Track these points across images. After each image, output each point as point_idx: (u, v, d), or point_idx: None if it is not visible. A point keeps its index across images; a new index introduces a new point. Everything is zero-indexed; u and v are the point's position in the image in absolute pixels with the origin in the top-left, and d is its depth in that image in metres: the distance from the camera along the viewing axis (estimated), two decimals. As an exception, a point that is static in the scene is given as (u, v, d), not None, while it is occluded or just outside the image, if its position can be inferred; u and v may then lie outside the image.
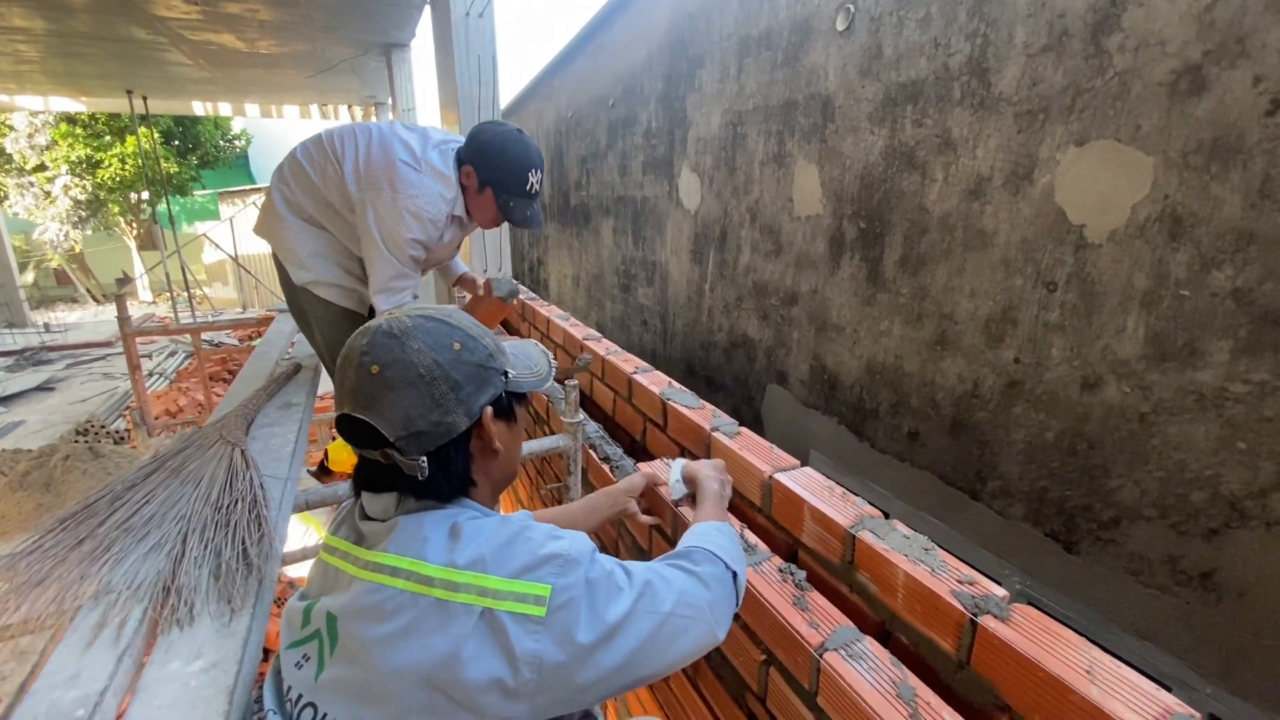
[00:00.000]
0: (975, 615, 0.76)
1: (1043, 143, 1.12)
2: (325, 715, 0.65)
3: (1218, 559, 0.95)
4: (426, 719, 0.61)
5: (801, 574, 1.00)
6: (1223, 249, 0.91)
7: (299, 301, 1.80)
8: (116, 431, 5.64)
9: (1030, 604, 0.81)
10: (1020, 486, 1.22)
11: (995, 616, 0.76)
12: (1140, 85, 0.98)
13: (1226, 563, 0.94)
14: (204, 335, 7.37)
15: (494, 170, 1.58)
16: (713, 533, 0.90)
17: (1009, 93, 1.17)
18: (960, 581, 0.83)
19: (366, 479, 0.78)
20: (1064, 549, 1.16)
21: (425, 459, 0.72)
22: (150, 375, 7.96)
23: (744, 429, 1.35)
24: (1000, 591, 0.80)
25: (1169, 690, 0.66)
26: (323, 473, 2.34)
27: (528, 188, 1.61)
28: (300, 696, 0.67)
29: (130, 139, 12.94)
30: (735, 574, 0.83)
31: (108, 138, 13.14)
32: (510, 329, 3.60)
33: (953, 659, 0.81)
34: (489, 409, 0.76)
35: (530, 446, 1.56)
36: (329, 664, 0.66)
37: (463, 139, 1.74)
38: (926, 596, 0.83)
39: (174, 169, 13.57)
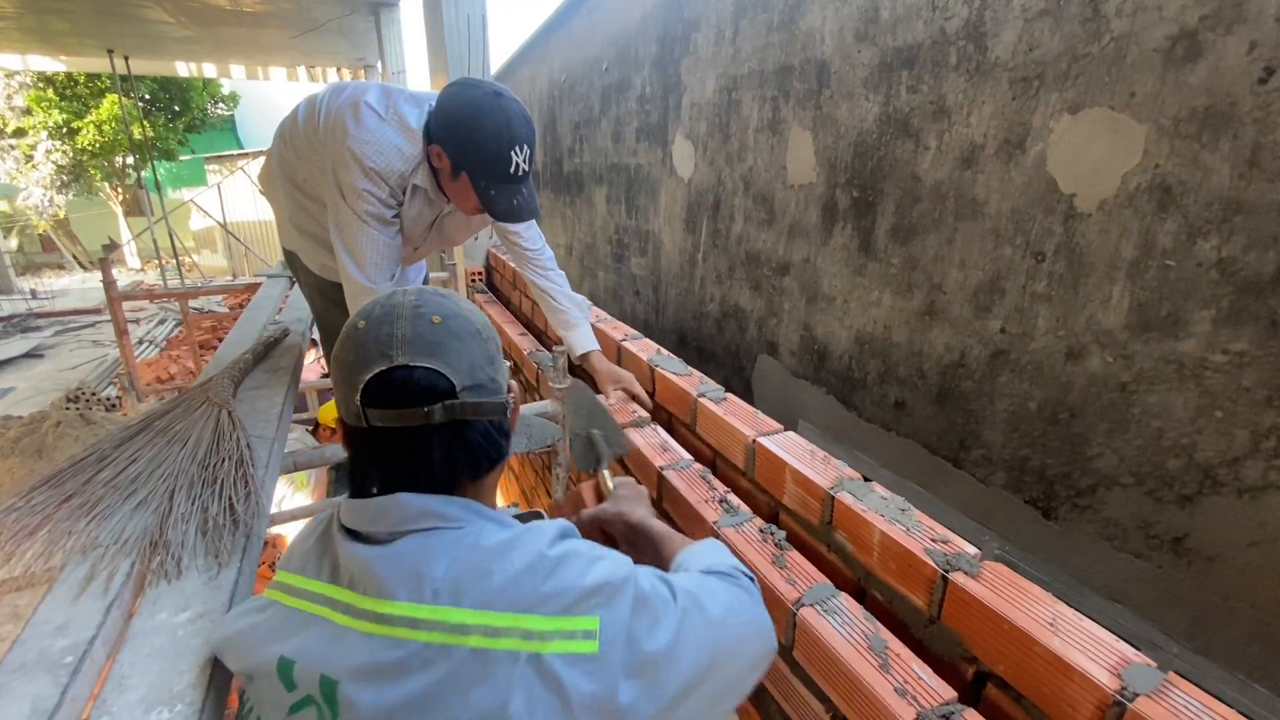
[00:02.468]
0: (947, 572, 0.78)
1: (1037, 110, 1.11)
2: None
3: (1190, 525, 0.97)
4: None
5: (781, 534, 1.02)
6: (1210, 219, 0.91)
7: (293, 262, 1.80)
8: (108, 398, 5.62)
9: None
10: (1002, 455, 1.24)
11: (966, 573, 0.78)
12: (1136, 51, 0.96)
13: (1198, 528, 0.96)
14: (192, 302, 7.29)
15: (465, 150, 1.25)
16: (711, 550, 0.79)
17: (1005, 58, 1.15)
18: (934, 540, 0.85)
19: (380, 472, 0.66)
20: (1042, 515, 1.18)
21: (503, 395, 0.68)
22: (140, 343, 7.91)
23: (729, 394, 1.36)
24: (972, 550, 0.82)
25: (1137, 650, 0.69)
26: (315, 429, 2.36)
27: (512, 169, 1.24)
28: None
29: (104, 105, 12.56)
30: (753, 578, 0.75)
31: (77, 104, 12.77)
32: (500, 296, 3.57)
33: (924, 614, 0.83)
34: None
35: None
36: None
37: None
38: (901, 554, 0.85)
39: (154, 133, 13.22)
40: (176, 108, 14.07)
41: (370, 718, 0.54)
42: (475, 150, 1.24)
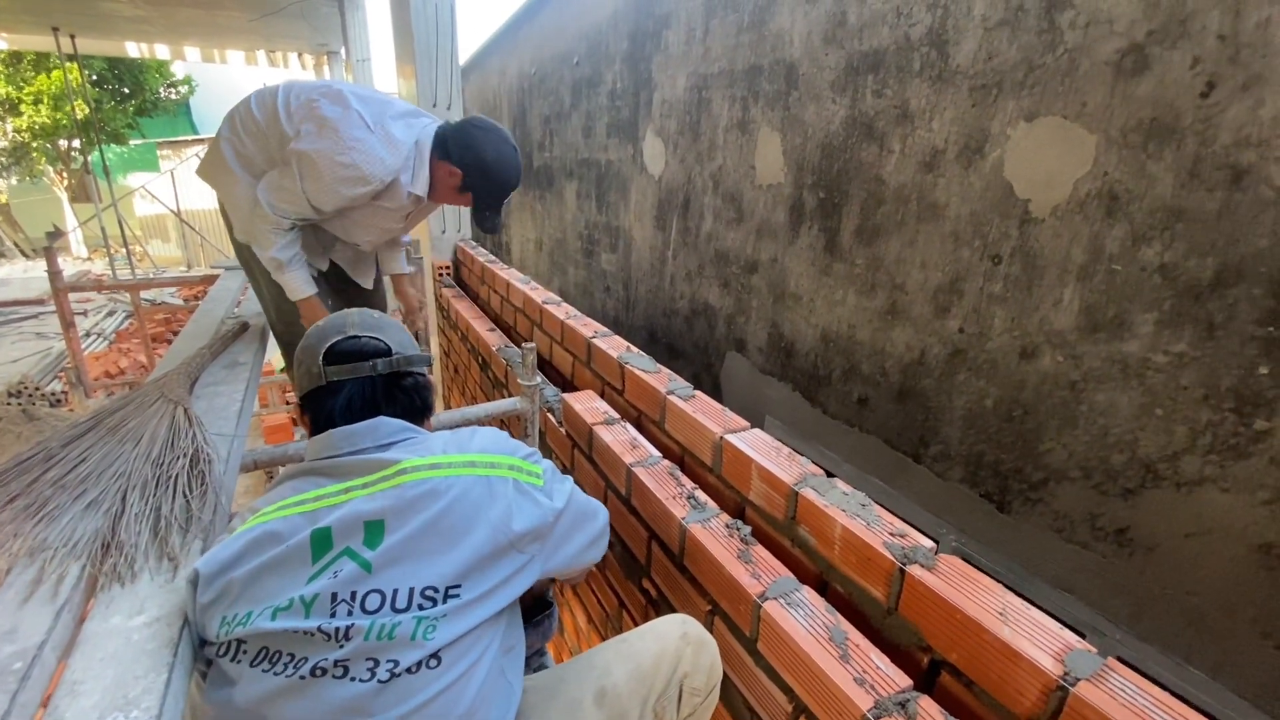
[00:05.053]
0: (904, 564, 0.81)
1: (995, 117, 1.15)
2: (395, 590, 0.72)
3: (1132, 517, 1.02)
4: (489, 561, 0.76)
5: (747, 529, 1.04)
6: (1154, 225, 0.96)
7: (244, 254, 1.74)
8: (52, 393, 5.37)
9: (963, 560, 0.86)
10: (960, 450, 1.28)
11: (922, 565, 0.81)
12: (1088, 63, 1.00)
13: (1140, 520, 1.02)
14: (144, 294, 7.02)
15: (483, 182, 1.63)
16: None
17: (965, 66, 1.19)
18: (892, 534, 0.87)
19: (347, 409, 0.88)
20: (997, 509, 1.23)
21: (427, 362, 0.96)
22: (88, 336, 7.56)
23: (698, 393, 1.38)
24: (928, 543, 0.85)
25: (1083, 636, 0.72)
26: None
27: (505, 200, 1.71)
28: (353, 594, 0.71)
29: (41, 77, 11.90)
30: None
31: (29, 74, 12.09)
32: (468, 291, 3.53)
33: (883, 605, 0.86)
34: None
35: (487, 409, 1.55)
36: (380, 549, 0.73)
37: (435, 119, 1.67)
38: (861, 548, 0.87)
39: (105, 113, 12.58)
40: (127, 89, 13.41)
41: (418, 531, 0.73)
42: (491, 185, 1.65)
